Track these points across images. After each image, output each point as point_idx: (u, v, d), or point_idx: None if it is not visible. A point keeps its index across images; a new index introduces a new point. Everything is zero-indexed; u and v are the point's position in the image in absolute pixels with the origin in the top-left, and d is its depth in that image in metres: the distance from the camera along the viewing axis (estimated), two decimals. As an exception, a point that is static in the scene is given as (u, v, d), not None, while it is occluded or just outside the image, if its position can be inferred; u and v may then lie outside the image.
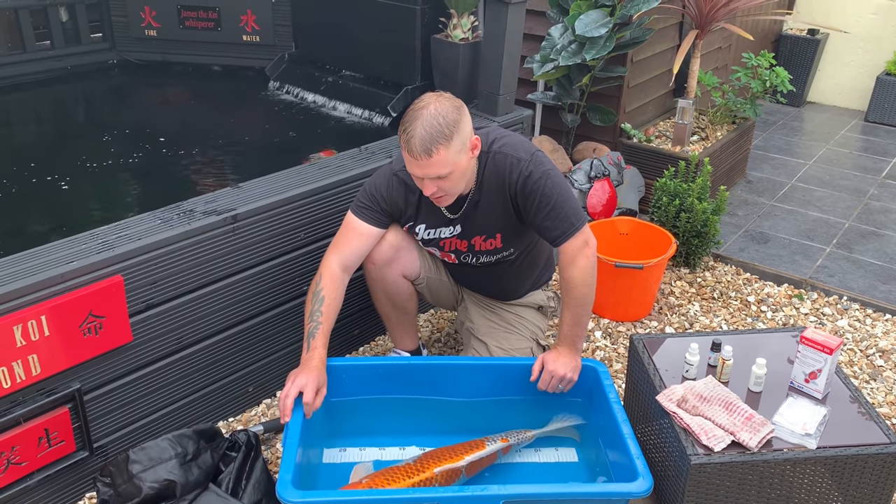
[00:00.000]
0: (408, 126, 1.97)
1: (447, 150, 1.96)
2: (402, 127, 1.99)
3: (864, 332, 3.00)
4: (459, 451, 2.03)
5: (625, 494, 1.86)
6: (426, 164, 1.97)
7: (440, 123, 1.95)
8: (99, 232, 2.07)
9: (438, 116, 1.95)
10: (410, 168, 2.03)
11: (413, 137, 1.95)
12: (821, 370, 2.04)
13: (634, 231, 3.20)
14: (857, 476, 1.91)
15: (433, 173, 1.99)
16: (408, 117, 1.99)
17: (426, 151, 1.95)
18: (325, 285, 2.15)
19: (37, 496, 2.03)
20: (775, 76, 3.97)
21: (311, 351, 2.07)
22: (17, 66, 3.78)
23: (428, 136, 1.94)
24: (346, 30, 3.64)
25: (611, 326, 3.00)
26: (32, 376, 1.89)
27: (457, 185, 2.08)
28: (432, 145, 1.95)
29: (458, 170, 2.03)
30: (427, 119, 1.95)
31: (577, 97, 3.74)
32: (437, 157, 1.96)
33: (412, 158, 1.98)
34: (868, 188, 4.33)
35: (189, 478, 1.95)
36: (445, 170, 1.99)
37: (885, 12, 5.46)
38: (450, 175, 2.01)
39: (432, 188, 2.04)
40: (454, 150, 1.98)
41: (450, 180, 2.03)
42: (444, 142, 1.95)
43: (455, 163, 2.00)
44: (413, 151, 1.96)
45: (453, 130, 1.97)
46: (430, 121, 1.95)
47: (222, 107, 3.71)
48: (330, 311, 2.13)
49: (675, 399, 2.02)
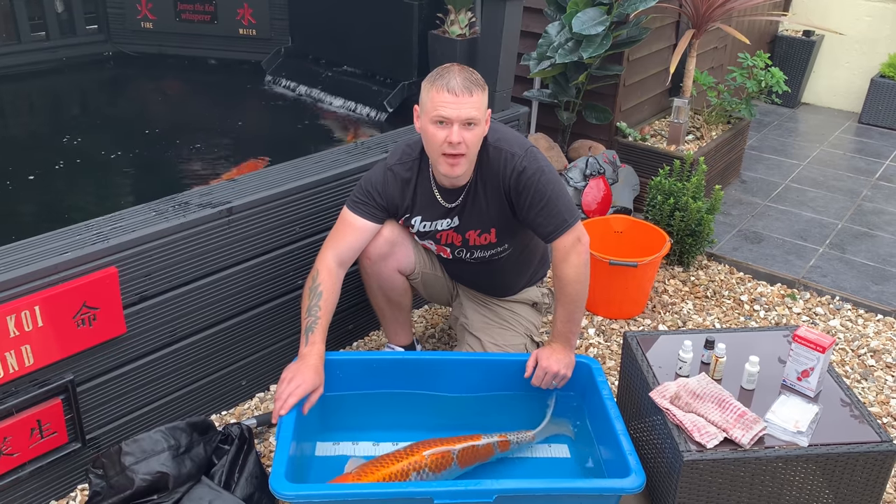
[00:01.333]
0: (443, 73, 2.05)
1: (482, 95, 2.06)
2: (436, 75, 2.06)
3: (855, 332, 3.02)
4: (453, 440, 2.03)
5: (617, 490, 1.87)
6: (465, 103, 2.01)
7: (475, 76, 2.08)
8: (93, 223, 2.06)
9: (470, 72, 2.08)
10: (444, 109, 2.02)
11: (453, 78, 2.03)
12: (813, 368, 2.05)
13: (629, 229, 3.21)
14: (847, 474, 1.92)
15: (468, 115, 2.02)
16: (437, 72, 2.07)
17: (467, 89, 2.02)
18: (322, 280, 2.15)
19: (29, 487, 2.02)
20: (770, 77, 3.98)
21: (309, 346, 2.07)
22: (11, 56, 3.76)
23: (468, 78, 2.04)
24: (342, 24, 3.64)
25: (604, 324, 3.01)
26: (25, 367, 1.88)
27: (475, 146, 2.11)
28: (473, 85, 2.04)
29: (480, 127, 2.08)
30: (461, 70, 2.07)
31: (573, 95, 3.74)
32: (475, 97, 2.03)
33: (451, 97, 2.01)
34: (861, 189, 4.35)
35: (182, 470, 1.95)
36: (479, 113, 2.04)
37: (880, 15, 5.48)
38: (476, 127, 2.06)
39: (459, 136, 2.04)
40: (485, 101, 2.08)
41: (474, 134, 2.06)
42: (481, 87, 2.07)
43: (483, 113, 2.07)
44: (453, 89, 2.01)
45: (485, 85, 2.09)
46: (465, 72, 2.06)
47: (218, 100, 3.70)
48: (328, 306, 2.13)
49: (668, 396, 2.03)
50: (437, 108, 2.03)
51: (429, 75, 2.09)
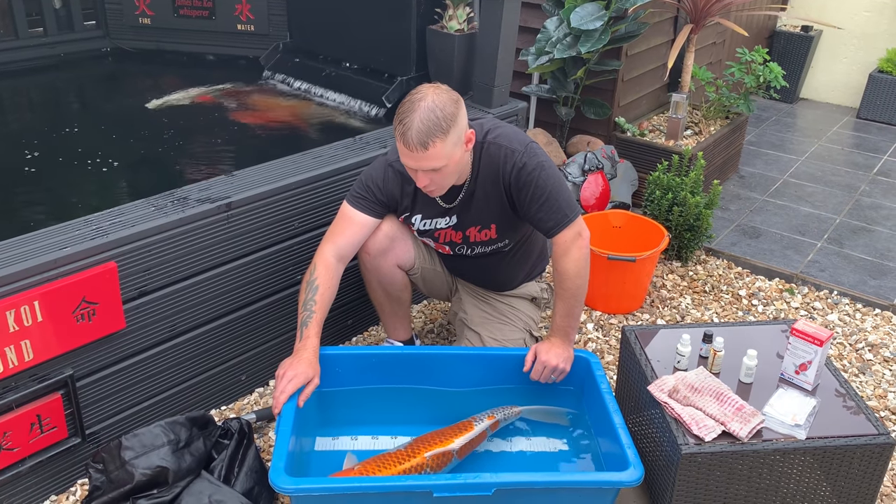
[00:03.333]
0: (404, 117, 1.94)
1: (443, 144, 1.95)
2: (399, 118, 1.96)
3: (853, 327, 3.02)
4: (449, 435, 2.04)
5: (616, 483, 1.87)
6: (421, 157, 1.96)
7: (437, 117, 1.93)
8: (93, 218, 2.06)
9: (436, 109, 1.93)
10: (405, 160, 2.01)
11: (409, 129, 1.93)
12: (811, 362, 2.06)
13: (627, 224, 3.21)
14: (845, 467, 1.93)
15: (428, 166, 1.98)
16: (404, 108, 1.96)
17: (422, 144, 1.93)
18: (319, 274, 2.15)
19: (29, 482, 2.03)
20: (769, 72, 3.98)
21: (303, 340, 2.08)
22: (9, 52, 3.75)
23: (425, 129, 1.92)
24: (341, 20, 3.63)
25: (603, 319, 3.01)
26: (25, 362, 1.89)
27: (449, 178, 2.08)
28: (429, 138, 1.92)
29: (452, 163, 2.02)
30: (424, 111, 1.92)
31: (571, 90, 3.74)
32: (432, 151, 1.94)
33: (408, 150, 1.96)
34: (859, 184, 4.35)
35: (181, 465, 1.96)
36: (440, 163, 1.98)
37: (879, 10, 5.48)
38: (444, 168, 2.01)
39: (425, 180, 2.03)
40: (450, 143, 1.97)
41: (443, 173, 2.03)
42: (441, 135, 1.93)
43: (450, 156, 1.99)
44: (409, 144, 1.94)
45: (450, 124, 1.95)
46: (428, 113, 1.92)
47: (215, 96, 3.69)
48: (324, 300, 2.13)
49: (666, 389, 2.03)
50: (400, 154, 2.01)
51: (399, 105, 1.99)
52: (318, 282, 2.14)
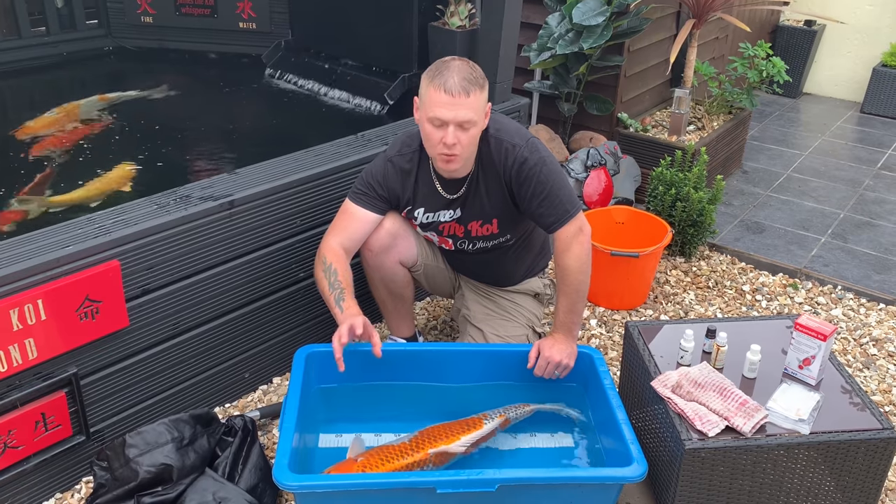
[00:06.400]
0: (441, 70, 2.01)
1: (481, 95, 2.03)
2: (434, 72, 2.03)
3: (857, 322, 3.02)
4: (456, 431, 2.03)
5: (619, 479, 1.87)
6: (461, 105, 1.99)
7: (474, 72, 2.03)
8: (95, 217, 2.07)
9: (471, 67, 2.04)
10: (440, 110, 2.00)
11: (451, 78, 1.99)
12: (815, 357, 2.05)
13: (630, 220, 3.20)
14: (849, 461, 1.93)
15: (464, 116, 2.00)
16: (437, 67, 2.04)
17: (465, 90, 1.98)
18: (332, 261, 2.16)
19: (33, 480, 2.04)
20: (772, 66, 3.97)
21: (346, 310, 2.08)
22: (12, 52, 3.76)
23: (467, 77, 2.00)
24: (342, 17, 3.63)
25: (606, 315, 3.01)
26: (29, 360, 1.89)
27: (470, 147, 2.09)
28: (471, 85, 2.00)
29: (478, 127, 2.06)
30: (461, 66, 2.03)
31: (573, 86, 3.74)
32: (473, 98, 2.00)
33: (448, 98, 1.98)
34: (863, 179, 4.34)
35: (185, 462, 1.96)
36: (475, 115, 2.02)
37: (882, 4, 5.46)
38: (472, 128, 2.04)
39: (454, 138, 2.02)
40: (483, 99, 2.05)
41: (470, 135, 2.05)
42: (479, 87, 2.02)
43: (480, 113, 2.05)
44: (451, 90, 1.98)
45: (484, 82, 2.06)
46: (465, 68, 2.02)
47: (218, 94, 3.70)
48: (347, 279, 2.14)
49: (669, 385, 2.03)
50: (434, 108, 2.01)
51: (429, 68, 2.07)
52: (334, 266, 2.15)
